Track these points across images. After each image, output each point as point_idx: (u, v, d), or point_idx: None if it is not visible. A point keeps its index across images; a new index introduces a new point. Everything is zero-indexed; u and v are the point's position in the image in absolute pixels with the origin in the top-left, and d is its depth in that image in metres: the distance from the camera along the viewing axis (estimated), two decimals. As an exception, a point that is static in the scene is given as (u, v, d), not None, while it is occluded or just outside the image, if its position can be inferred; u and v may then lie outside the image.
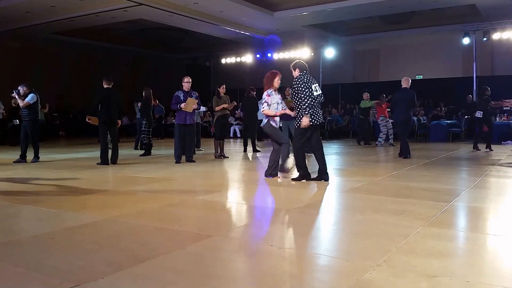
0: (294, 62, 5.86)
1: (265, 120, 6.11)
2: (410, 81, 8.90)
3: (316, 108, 5.69)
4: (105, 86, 8.00)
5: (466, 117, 14.49)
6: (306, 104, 5.56)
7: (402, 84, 8.86)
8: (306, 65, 5.81)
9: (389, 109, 11.87)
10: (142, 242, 3.16)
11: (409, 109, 8.78)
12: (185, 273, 2.56)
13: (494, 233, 3.49)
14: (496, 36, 15.34)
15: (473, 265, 2.70)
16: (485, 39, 15.53)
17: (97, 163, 7.91)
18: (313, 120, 5.65)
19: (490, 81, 16.52)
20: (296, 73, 5.75)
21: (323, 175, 5.83)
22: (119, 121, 8.25)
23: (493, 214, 4.21)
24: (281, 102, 6.11)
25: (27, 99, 8.23)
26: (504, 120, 14.44)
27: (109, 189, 5.62)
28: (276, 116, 6.08)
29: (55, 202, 4.62)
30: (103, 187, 5.68)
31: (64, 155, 10.28)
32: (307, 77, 5.67)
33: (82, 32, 17.03)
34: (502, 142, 12.88)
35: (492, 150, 10.41)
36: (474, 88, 15.50)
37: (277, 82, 6.05)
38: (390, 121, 12.20)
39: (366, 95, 12.95)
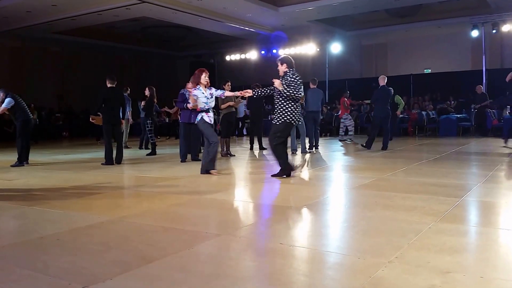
0: (282, 56, 5.85)
1: (199, 117, 6.23)
2: (386, 79, 9.70)
3: (297, 107, 5.72)
4: (108, 85, 7.94)
5: (474, 110, 14.27)
6: (289, 92, 5.55)
7: (379, 82, 9.70)
8: (293, 61, 5.78)
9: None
10: (149, 242, 3.13)
11: (387, 105, 9.75)
12: (194, 273, 2.53)
13: (507, 228, 3.43)
14: (505, 28, 15.10)
15: (487, 261, 2.65)
16: (494, 31, 15.30)
17: (102, 163, 7.87)
18: (293, 119, 5.71)
19: (500, 74, 16.26)
20: (283, 67, 5.68)
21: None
22: (122, 121, 8.21)
23: (505, 209, 4.15)
24: (210, 97, 6.23)
25: (3, 105, 7.96)
26: None
27: (115, 189, 5.60)
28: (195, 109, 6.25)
29: (61, 203, 4.60)
30: (109, 188, 5.66)
31: (68, 156, 10.28)
32: (296, 74, 5.64)
33: (84, 31, 16.99)
34: None
35: None
36: (484, 81, 15.29)
37: (204, 79, 6.21)
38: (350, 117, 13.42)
39: None
